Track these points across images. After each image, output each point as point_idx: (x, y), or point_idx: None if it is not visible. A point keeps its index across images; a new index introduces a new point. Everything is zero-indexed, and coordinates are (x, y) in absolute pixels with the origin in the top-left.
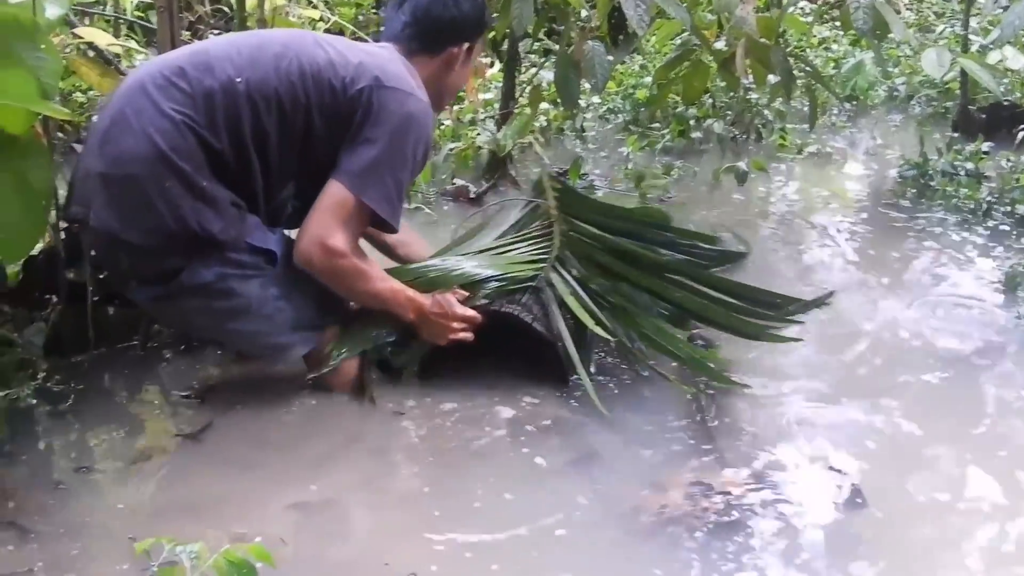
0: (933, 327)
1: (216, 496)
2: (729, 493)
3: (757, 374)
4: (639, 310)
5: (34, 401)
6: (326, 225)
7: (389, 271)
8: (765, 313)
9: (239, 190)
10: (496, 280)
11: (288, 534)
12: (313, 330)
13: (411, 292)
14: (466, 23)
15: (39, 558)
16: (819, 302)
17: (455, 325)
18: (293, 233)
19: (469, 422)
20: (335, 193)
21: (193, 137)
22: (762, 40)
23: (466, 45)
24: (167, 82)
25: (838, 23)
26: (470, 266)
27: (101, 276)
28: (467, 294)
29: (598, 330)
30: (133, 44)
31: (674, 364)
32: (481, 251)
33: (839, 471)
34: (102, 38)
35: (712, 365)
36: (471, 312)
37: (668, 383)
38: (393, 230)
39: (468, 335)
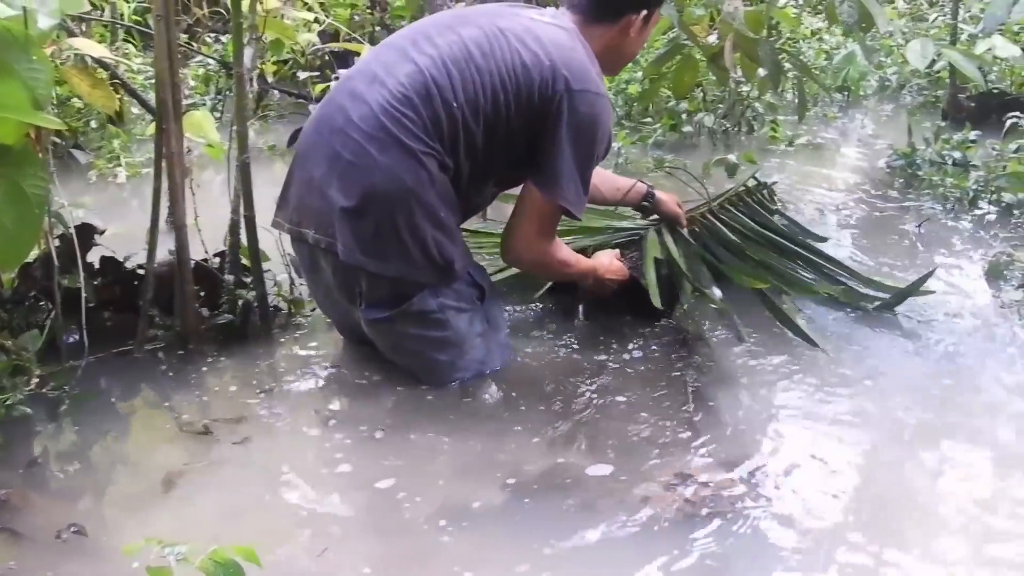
0: (918, 317)
1: (226, 507)
2: (710, 484)
3: (743, 367)
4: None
5: (28, 409)
6: (531, 231)
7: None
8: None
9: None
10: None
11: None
12: (482, 366)
13: (590, 263)
14: None
15: (33, 565)
16: (921, 282)
17: (613, 281)
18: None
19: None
20: (535, 199)
21: (433, 166)
22: (750, 34)
23: (644, 12)
24: (400, 114)
25: None
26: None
27: (96, 282)
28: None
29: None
30: (132, 49)
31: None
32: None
33: (822, 462)
34: (95, 49)
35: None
36: (624, 271)
37: (656, 370)
38: (578, 219)
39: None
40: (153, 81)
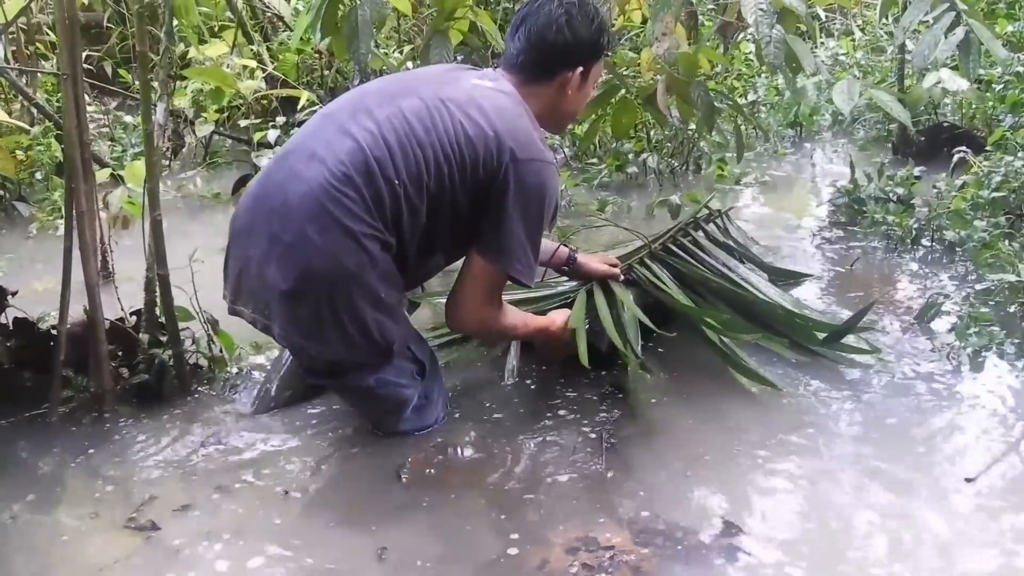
0: (844, 363)
1: None
2: (612, 548)
3: (665, 419)
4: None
5: None
6: (476, 299)
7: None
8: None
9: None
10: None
11: None
12: (421, 422)
13: (541, 322)
14: (580, 47)
15: None
16: (857, 319)
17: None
18: None
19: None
20: (482, 268)
21: (375, 248)
22: (680, 76)
23: (580, 69)
24: (340, 193)
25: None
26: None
27: (9, 344)
28: (616, 261)
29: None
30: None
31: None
32: None
33: (732, 526)
34: None
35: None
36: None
37: (574, 429)
38: (529, 287)
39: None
40: (104, 130)
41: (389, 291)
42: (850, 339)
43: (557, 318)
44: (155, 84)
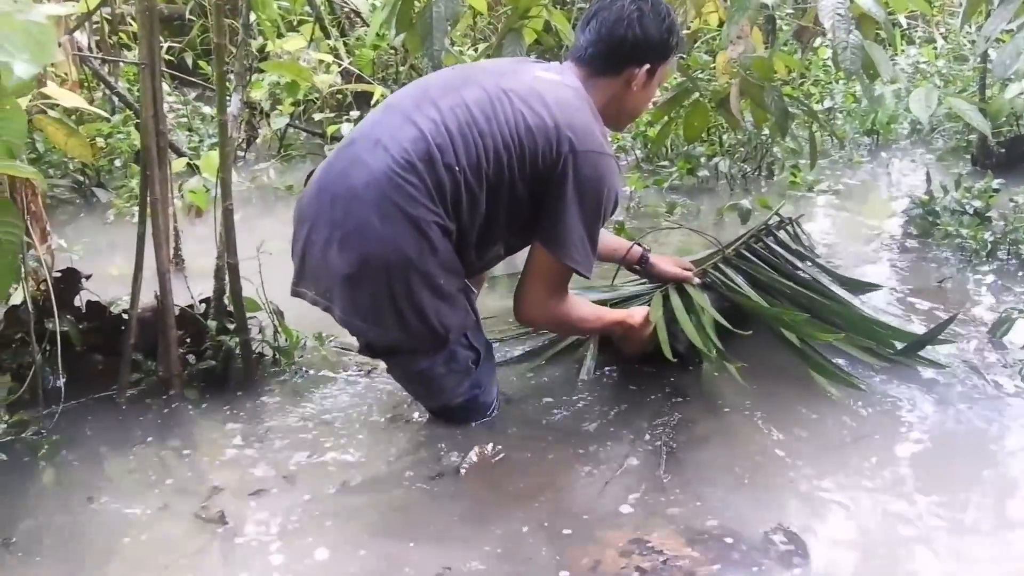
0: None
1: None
2: (666, 552)
3: (724, 428)
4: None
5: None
6: (540, 291)
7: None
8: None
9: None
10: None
11: None
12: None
13: (617, 315)
14: (648, 45)
15: None
16: (940, 330)
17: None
18: None
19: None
20: (543, 260)
21: (436, 234)
22: (754, 80)
23: (647, 67)
24: (403, 180)
25: None
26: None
27: (81, 327)
28: (690, 264)
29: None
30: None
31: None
32: None
33: (790, 534)
34: (69, 98)
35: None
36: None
37: (630, 432)
38: (587, 278)
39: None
40: (183, 120)
41: (448, 278)
42: (926, 350)
43: (636, 313)
44: (231, 76)
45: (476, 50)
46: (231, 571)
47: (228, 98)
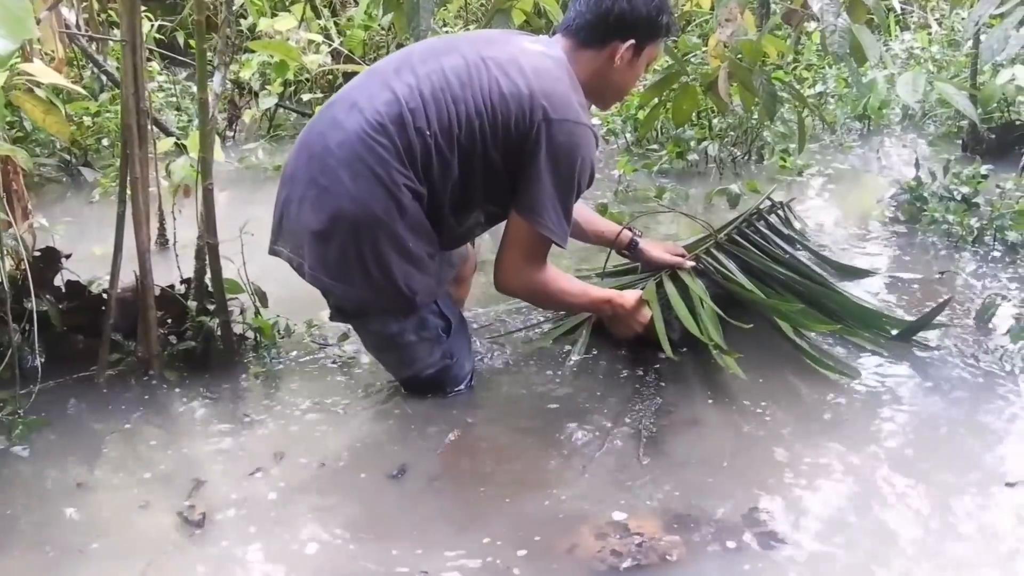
0: (896, 364)
1: None
2: (643, 535)
3: (705, 412)
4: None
5: None
6: (517, 258)
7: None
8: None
9: (432, 225)
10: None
11: None
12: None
13: (603, 293)
14: (635, 19)
15: None
16: (934, 315)
17: (637, 323)
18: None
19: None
20: (519, 228)
21: (406, 197)
22: (743, 63)
23: (631, 42)
24: (374, 141)
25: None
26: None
27: (61, 307)
28: (683, 250)
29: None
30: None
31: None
32: None
33: (768, 517)
34: (48, 75)
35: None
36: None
37: (610, 416)
38: (562, 247)
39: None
40: (172, 99)
41: (417, 242)
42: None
43: (629, 295)
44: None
45: (467, 30)
46: (206, 564)
47: (210, 75)
